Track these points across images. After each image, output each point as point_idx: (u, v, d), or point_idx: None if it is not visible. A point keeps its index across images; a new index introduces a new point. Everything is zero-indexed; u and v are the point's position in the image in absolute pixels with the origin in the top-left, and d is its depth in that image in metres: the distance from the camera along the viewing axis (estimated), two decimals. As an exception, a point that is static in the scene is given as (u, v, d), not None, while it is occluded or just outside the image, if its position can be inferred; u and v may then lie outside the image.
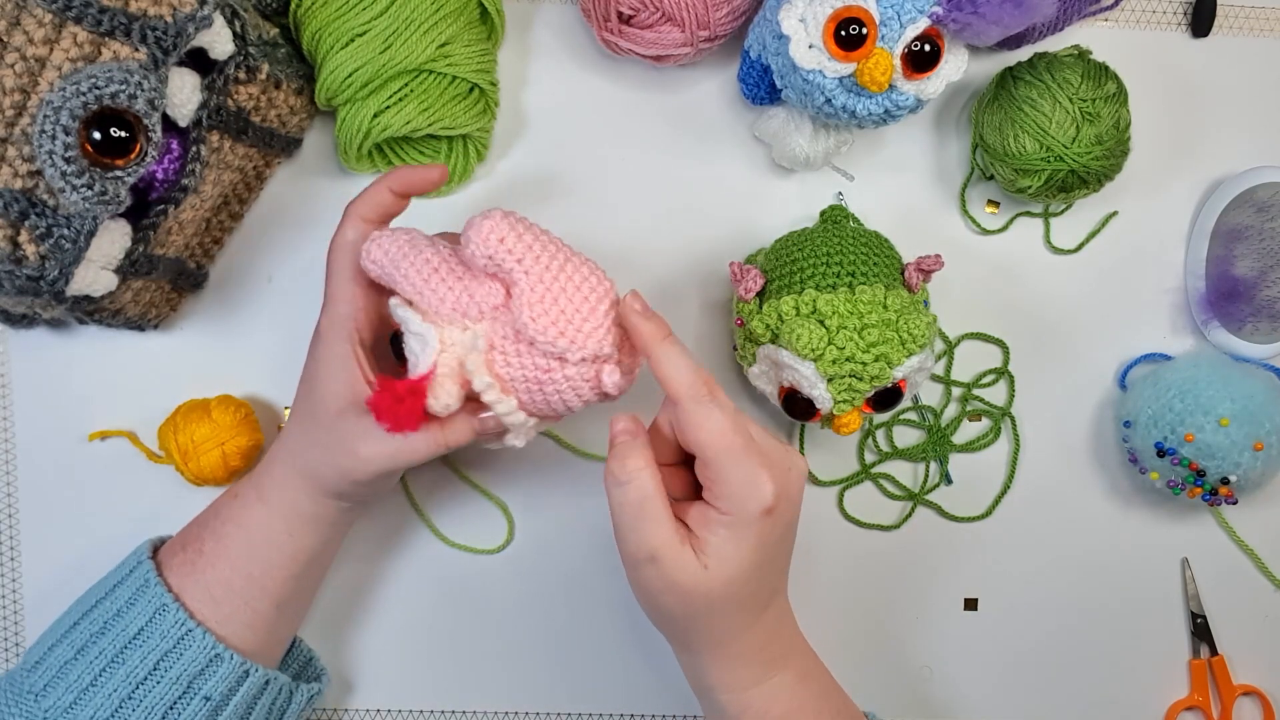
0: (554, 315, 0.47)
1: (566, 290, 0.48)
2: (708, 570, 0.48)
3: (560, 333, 0.47)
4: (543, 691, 0.67)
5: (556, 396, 0.49)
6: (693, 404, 0.48)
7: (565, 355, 0.47)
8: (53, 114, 0.46)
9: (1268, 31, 0.68)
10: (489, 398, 0.48)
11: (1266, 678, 0.69)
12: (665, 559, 0.48)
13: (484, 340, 0.48)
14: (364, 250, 0.51)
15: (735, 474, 0.48)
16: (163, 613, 0.54)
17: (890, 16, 0.53)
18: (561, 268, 0.48)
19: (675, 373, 0.48)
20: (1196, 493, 0.63)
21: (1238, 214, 0.66)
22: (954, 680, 0.69)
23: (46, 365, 0.64)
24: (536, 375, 0.48)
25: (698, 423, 0.48)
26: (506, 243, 0.47)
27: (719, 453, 0.48)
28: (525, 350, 0.48)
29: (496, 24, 0.63)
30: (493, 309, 0.48)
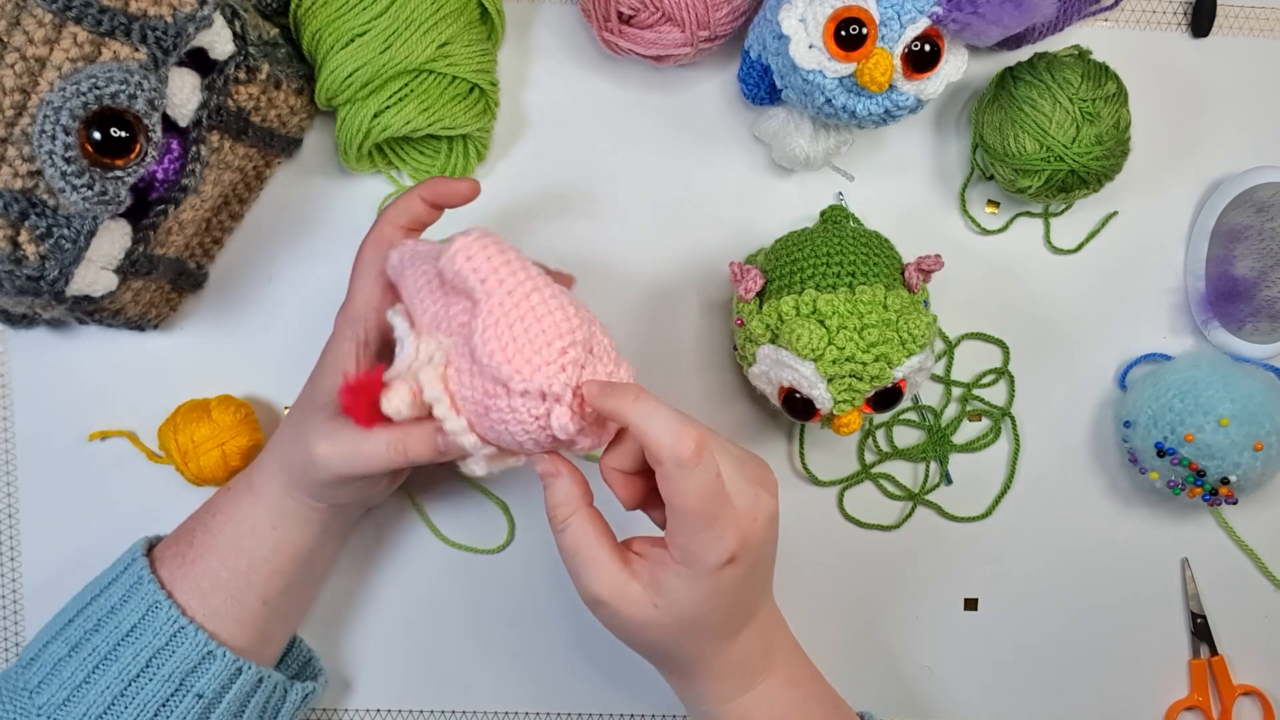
0: (504, 341, 0.46)
1: (525, 319, 0.46)
2: (658, 609, 0.48)
3: (507, 359, 0.46)
4: (542, 691, 0.67)
5: (503, 426, 0.48)
6: (674, 468, 0.46)
7: (508, 383, 0.46)
8: (53, 114, 0.46)
9: (1267, 32, 0.68)
10: (438, 411, 0.48)
11: (1266, 678, 0.69)
12: (611, 601, 0.48)
13: (442, 354, 0.48)
14: (387, 255, 0.54)
15: (700, 536, 0.47)
16: (155, 610, 0.54)
17: (890, 16, 0.53)
18: (526, 296, 0.47)
19: (655, 434, 0.45)
20: (1196, 493, 0.63)
21: (1238, 214, 0.66)
22: (954, 680, 0.69)
23: (46, 365, 0.64)
24: (482, 399, 0.47)
25: (677, 488, 0.46)
26: (473, 261, 0.47)
27: (690, 516, 0.46)
28: (475, 371, 0.47)
29: (496, 24, 0.63)
30: (460, 326, 0.48)
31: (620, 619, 0.49)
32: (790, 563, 0.67)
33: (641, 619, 0.49)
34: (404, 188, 0.65)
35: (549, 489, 0.50)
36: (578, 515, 0.49)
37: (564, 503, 0.49)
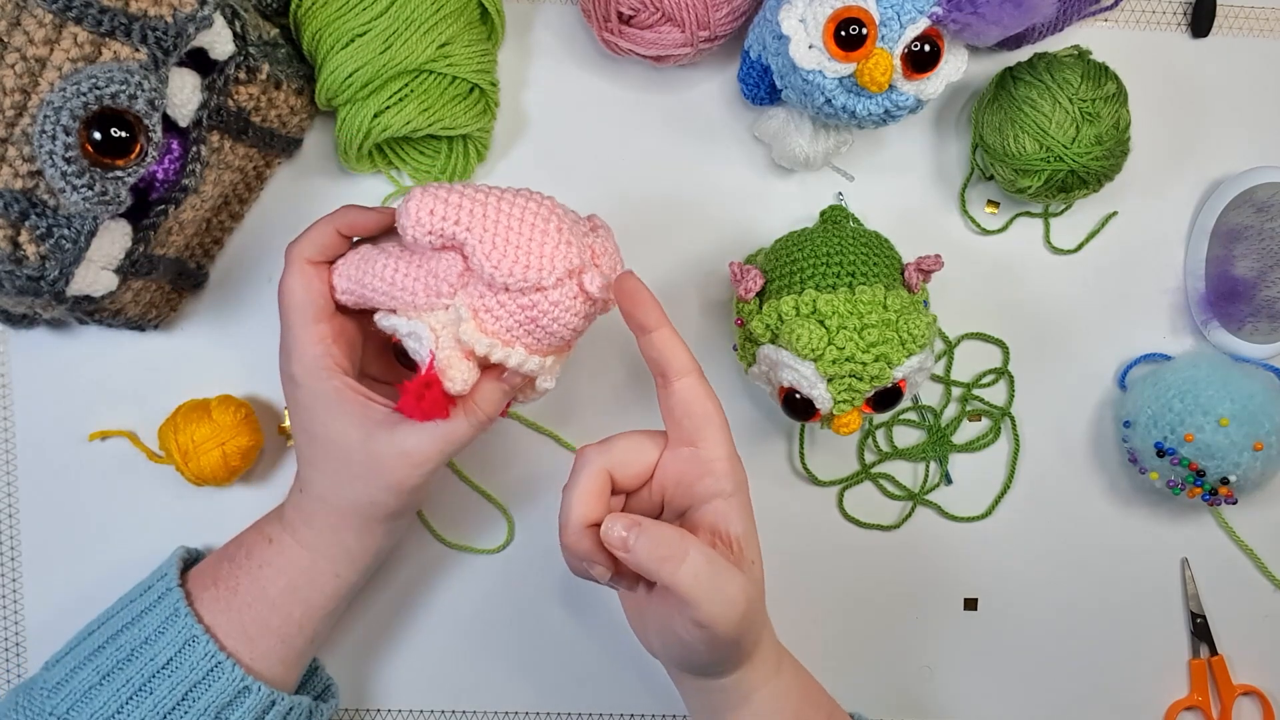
0: (514, 254, 0.47)
1: (513, 226, 0.48)
2: (754, 564, 0.50)
3: (527, 265, 0.48)
4: (542, 691, 0.67)
5: (554, 324, 0.50)
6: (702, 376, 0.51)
7: (541, 284, 0.48)
8: (53, 114, 0.46)
9: (1267, 32, 0.68)
10: (497, 356, 0.49)
11: (1266, 677, 0.69)
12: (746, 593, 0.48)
13: (466, 308, 0.49)
14: (333, 285, 0.53)
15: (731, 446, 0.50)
16: (193, 644, 0.54)
17: (890, 17, 0.53)
18: (499, 209, 0.48)
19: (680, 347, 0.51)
20: (1196, 493, 0.63)
21: (1237, 214, 0.66)
22: (954, 680, 0.69)
23: (47, 365, 0.64)
24: (527, 315, 0.49)
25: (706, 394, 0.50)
26: (438, 213, 0.48)
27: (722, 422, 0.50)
28: (505, 299, 0.48)
29: (496, 24, 0.63)
30: (459, 277, 0.49)
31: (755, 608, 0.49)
32: (790, 563, 0.67)
33: (757, 589, 0.50)
34: (404, 188, 0.65)
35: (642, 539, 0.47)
36: (689, 538, 0.47)
37: (670, 535, 0.47)
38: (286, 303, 0.53)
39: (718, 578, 0.47)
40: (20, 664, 0.65)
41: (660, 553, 0.46)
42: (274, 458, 0.66)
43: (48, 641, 0.64)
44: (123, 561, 0.64)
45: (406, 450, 0.52)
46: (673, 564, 0.46)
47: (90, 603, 0.62)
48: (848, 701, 0.67)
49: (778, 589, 0.67)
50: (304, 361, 0.53)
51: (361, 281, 0.52)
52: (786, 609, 0.67)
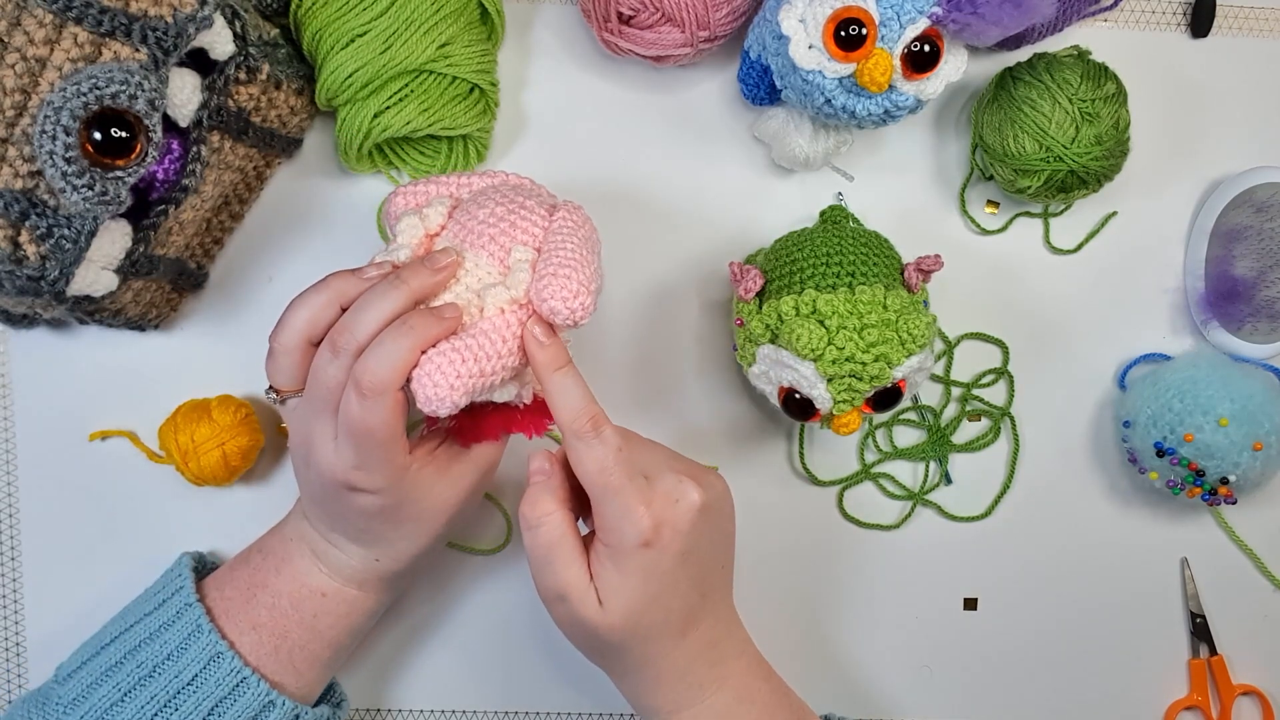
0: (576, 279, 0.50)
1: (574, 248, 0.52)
2: (603, 607, 0.50)
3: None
4: (541, 691, 0.67)
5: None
6: (574, 439, 0.49)
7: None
8: (53, 114, 0.46)
9: (1267, 32, 0.68)
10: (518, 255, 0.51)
11: (1266, 677, 0.69)
12: (571, 598, 0.50)
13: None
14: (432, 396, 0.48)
15: (609, 508, 0.49)
16: (217, 661, 0.53)
17: (890, 17, 0.53)
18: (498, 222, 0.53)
19: (562, 404, 0.50)
20: (1196, 492, 0.63)
21: (1237, 214, 0.66)
22: (954, 680, 0.69)
23: (47, 365, 0.64)
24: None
25: (577, 458, 0.49)
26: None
27: (595, 488, 0.49)
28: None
29: (496, 24, 0.63)
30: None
31: (575, 617, 0.50)
32: (791, 563, 0.67)
33: (593, 618, 0.50)
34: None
35: (536, 488, 0.51)
36: (559, 514, 0.50)
37: (546, 499, 0.50)
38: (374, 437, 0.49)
39: (549, 563, 0.50)
40: (20, 664, 0.65)
41: (525, 509, 0.50)
42: (274, 458, 0.66)
43: (48, 641, 0.65)
44: (123, 561, 0.64)
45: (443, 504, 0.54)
46: (525, 523, 0.51)
47: (90, 603, 0.62)
48: (848, 701, 0.67)
49: (778, 589, 0.67)
50: (386, 475, 0.51)
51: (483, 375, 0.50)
52: (786, 609, 0.67)
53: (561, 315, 0.49)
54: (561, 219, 0.53)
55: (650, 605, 0.50)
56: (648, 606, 0.50)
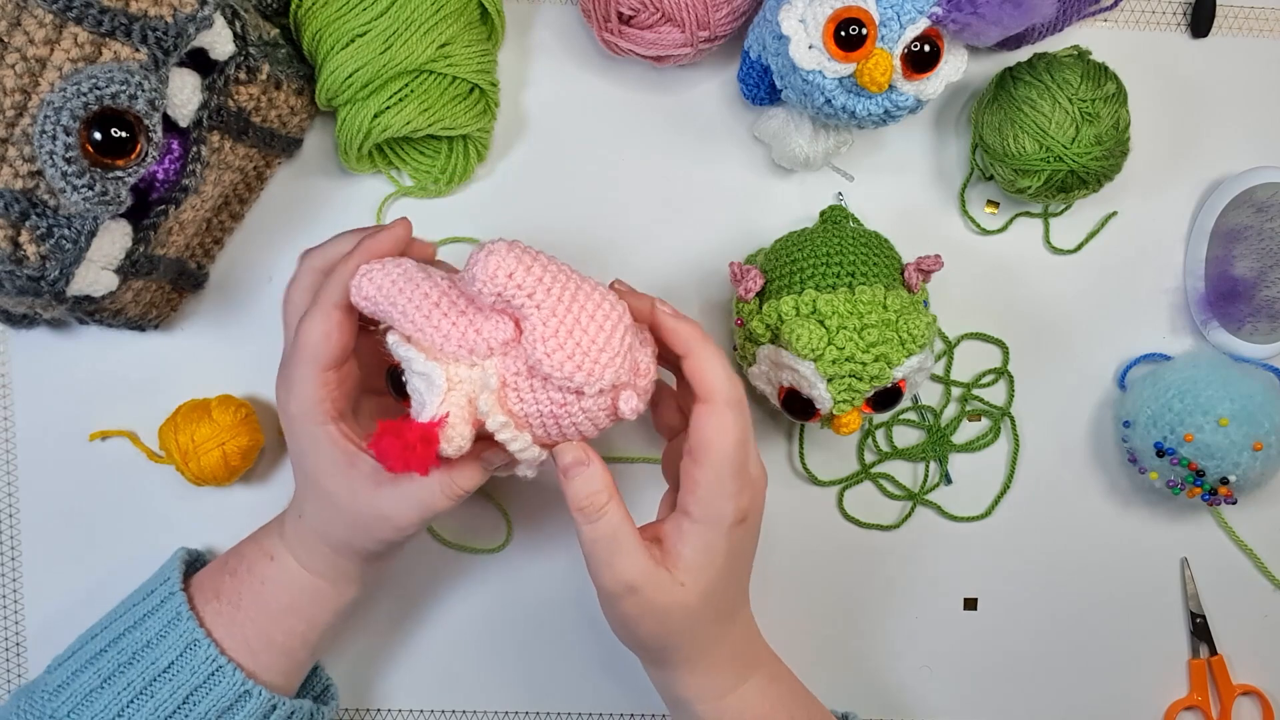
0: (569, 349, 0.45)
1: (580, 321, 0.46)
2: (684, 587, 0.49)
3: (577, 367, 0.45)
4: (541, 691, 0.67)
5: (572, 428, 0.48)
6: (726, 407, 0.48)
7: (583, 389, 0.46)
8: (53, 114, 0.46)
9: (1267, 32, 0.68)
10: (504, 436, 0.46)
11: (1266, 677, 0.69)
12: (645, 586, 0.49)
13: (496, 377, 0.46)
14: (355, 284, 0.48)
15: (727, 484, 0.49)
16: (194, 648, 0.54)
17: (890, 17, 0.53)
18: (574, 298, 0.46)
19: (714, 372, 0.49)
20: (1196, 492, 0.63)
21: (1237, 214, 0.66)
22: (953, 680, 0.69)
23: (47, 365, 0.64)
24: (552, 410, 0.47)
25: (722, 424, 0.48)
26: (515, 278, 0.45)
27: (724, 460, 0.48)
28: (540, 386, 0.46)
29: (496, 24, 0.63)
30: (502, 344, 0.46)
31: (649, 605, 0.49)
32: (790, 562, 0.67)
33: (669, 600, 0.49)
34: (404, 188, 0.65)
35: (580, 478, 0.48)
36: (614, 502, 0.48)
37: (601, 489, 0.48)
38: (303, 341, 0.50)
39: (614, 555, 0.48)
40: (21, 663, 0.65)
41: (580, 500, 0.48)
42: (274, 458, 0.66)
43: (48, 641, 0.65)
44: (123, 561, 0.64)
45: (385, 514, 0.51)
46: (584, 515, 0.48)
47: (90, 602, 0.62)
48: (847, 701, 0.67)
49: (778, 589, 0.67)
50: (303, 403, 0.51)
51: (392, 300, 0.47)
52: (786, 609, 0.67)
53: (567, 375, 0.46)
54: None
55: (727, 584, 0.51)
56: (726, 585, 0.50)
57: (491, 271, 0.44)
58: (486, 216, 0.66)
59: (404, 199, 0.65)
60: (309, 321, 0.50)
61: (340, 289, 0.50)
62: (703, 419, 0.49)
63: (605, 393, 0.47)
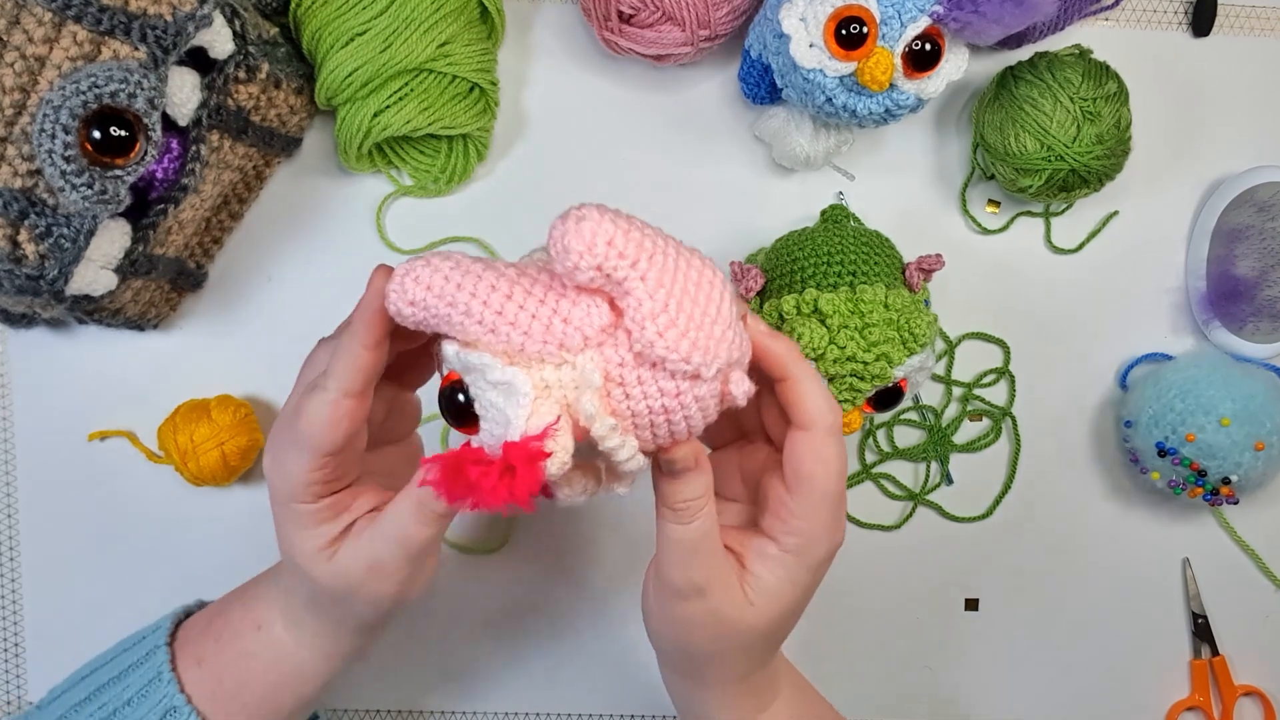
0: (684, 326, 0.38)
1: (689, 292, 0.38)
2: (754, 607, 0.46)
3: (694, 345, 0.38)
4: (540, 692, 0.67)
5: (683, 424, 0.40)
6: (829, 436, 0.44)
7: (699, 371, 0.38)
8: (52, 113, 0.46)
9: (1268, 31, 0.68)
10: (612, 444, 0.38)
11: (1267, 678, 0.69)
12: (715, 593, 0.45)
13: (598, 372, 0.38)
14: (396, 288, 0.38)
15: (825, 519, 0.45)
16: (173, 715, 0.49)
17: (891, 15, 0.53)
18: (676, 265, 0.39)
19: (815, 399, 0.44)
20: (1198, 493, 0.63)
21: (1238, 214, 0.66)
22: (955, 680, 0.69)
23: (46, 365, 0.64)
24: (664, 404, 0.39)
25: (823, 456, 0.44)
26: (616, 245, 0.37)
27: (825, 494, 0.45)
28: (650, 376, 0.38)
29: (496, 23, 0.63)
30: (599, 331, 0.38)
31: (712, 613, 0.45)
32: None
33: (734, 616, 0.46)
34: (403, 187, 0.65)
35: (687, 480, 0.43)
36: (711, 505, 0.44)
37: (704, 494, 0.44)
38: (303, 426, 0.43)
39: (695, 556, 0.44)
40: (19, 664, 0.65)
41: (679, 502, 0.43)
42: (273, 458, 0.66)
43: (46, 642, 0.65)
44: (122, 562, 0.64)
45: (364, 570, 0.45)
46: (677, 516, 0.44)
47: (89, 603, 0.62)
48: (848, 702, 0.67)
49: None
50: (290, 485, 0.45)
51: (449, 299, 0.38)
52: (787, 609, 0.67)
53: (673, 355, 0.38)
54: None
55: (793, 616, 0.48)
56: (791, 618, 0.48)
57: (589, 240, 0.37)
58: (486, 216, 0.65)
59: (403, 198, 0.65)
60: (314, 403, 0.43)
61: (349, 373, 0.43)
62: (802, 448, 0.44)
63: (720, 375, 0.40)
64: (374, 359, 0.43)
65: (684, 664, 0.50)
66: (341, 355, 0.43)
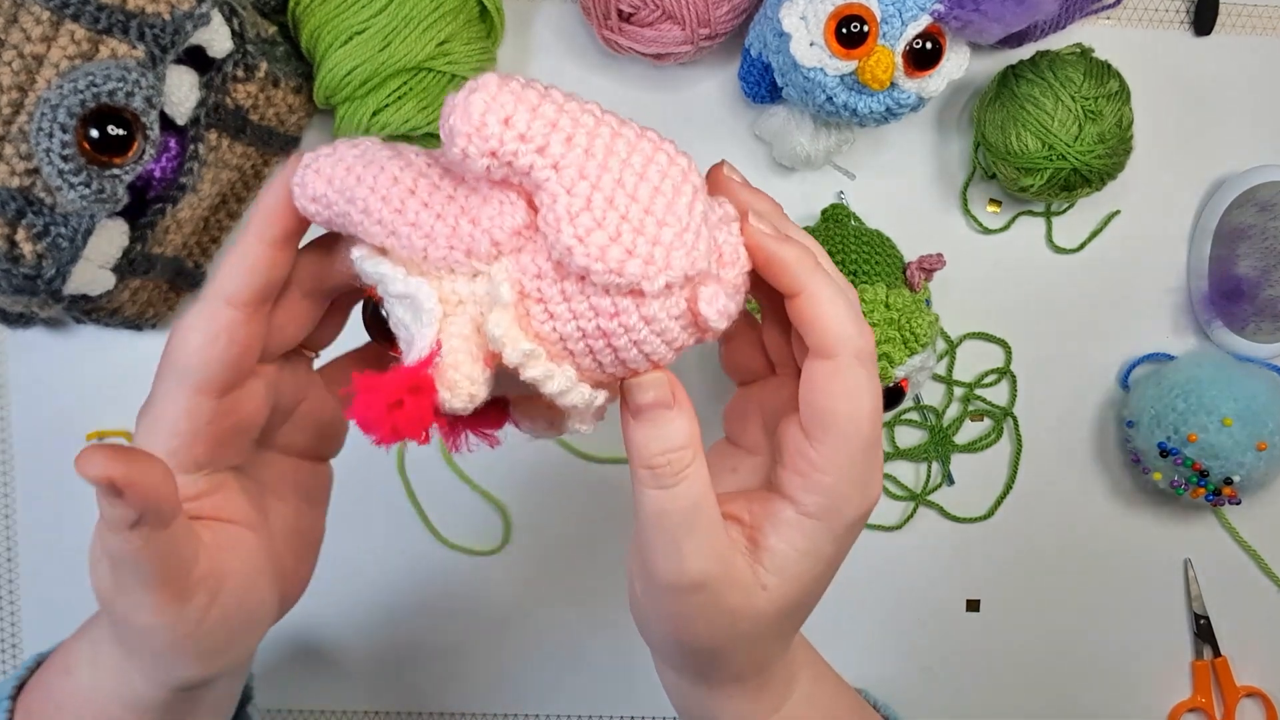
0: (613, 225, 0.30)
1: (625, 182, 0.31)
2: (766, 591, 0.36)
3: (628, 251, 0.30)
4: (540, 692, 0.67)
5: (635, 352, 0.32)
6: (856, 363, 0.34)
7: (640, 284, 0.30)
8: (50, 112, 0.46)
9: (1270, 30, 0.68)
10: (534, 372, 0.31)
11: (1269, 679, 0.69)
12: (716, 583, 0.35)
13: (509, 286, 0.31)
14: (298, 181, 0.33)
15: (856, 469, 0.35)
16: None
17: (891, 14, 0.53)
18: (610, 149, 0.31)
19: (838, 316, 0.34)
20: (1199, 493, 0.63)
21: (1240, 213, 0.66)
22: (956, 681, 0.68)
23: (44, 365, 0.64)
24: (599, 325, 0.31)
25: (850, 389, 0.34)
26: (516, 125, 0.31)
27: (854, 437, 0.34)
28: (576, 290, 0.31)
29: (496, 22, 0.63)
30: (512, 234, 0.31)
31: (715, 606, 0.35)
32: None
33: (742, 606, 0.35)
34: None
35: (658, 425, 0.33)
36: (699, 462, 0.34)
37: (686, 443, 0.33)
38: (173, 346, 0.36)
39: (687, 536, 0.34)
40: (17, 666, 0.65)
41: (653, 455, 0.33)
42: (272, 458, 0.65)
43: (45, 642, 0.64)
44: (120, 562, 0.64)
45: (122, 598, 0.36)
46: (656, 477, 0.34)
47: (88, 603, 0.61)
48: (849, 703, 0.67)
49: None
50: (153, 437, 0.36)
51: (350, 194, 0.32)
52: (787, 610, 0.67)
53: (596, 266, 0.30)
54: None
55: (814, 595, 0.38)
56: (812, 597, 0.38)
57: (478, 120, 0.30)
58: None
59: (403, 198, 0.65)
60: (187, 317, 0.35)
61: (238, 274, 0.34)
62: (822, 380, 0.34)
63: (677, 290, 0.31)
64: (269, 259, 0.34)
65: (680, 661, 0.40)
66: (232, 255, 0.34)
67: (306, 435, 0.40)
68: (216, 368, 0.35)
